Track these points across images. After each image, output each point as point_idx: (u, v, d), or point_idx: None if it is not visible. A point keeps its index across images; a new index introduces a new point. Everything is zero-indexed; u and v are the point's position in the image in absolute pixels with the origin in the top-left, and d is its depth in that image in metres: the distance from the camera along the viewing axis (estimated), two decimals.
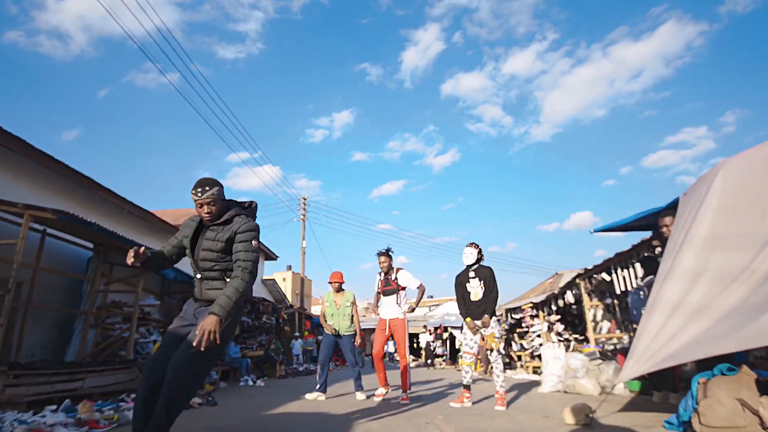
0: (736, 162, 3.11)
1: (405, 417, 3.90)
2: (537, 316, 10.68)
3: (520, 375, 10.87)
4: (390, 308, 5.40)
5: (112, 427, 3.55)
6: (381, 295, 5.52)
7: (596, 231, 5.23)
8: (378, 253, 5.52)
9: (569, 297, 8.84)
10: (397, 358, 10.04)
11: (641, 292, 5.10)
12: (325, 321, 5.89)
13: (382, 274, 5.54)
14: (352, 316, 5.90)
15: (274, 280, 17.71)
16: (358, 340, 5.99)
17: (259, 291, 15.86)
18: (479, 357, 11.14)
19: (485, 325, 4.52)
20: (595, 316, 8.05)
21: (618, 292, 6.74)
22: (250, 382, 8.73)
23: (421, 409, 4.42)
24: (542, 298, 10.19)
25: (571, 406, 3.32)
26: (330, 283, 5.99)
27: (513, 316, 12.31)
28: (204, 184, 2.32)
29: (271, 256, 17.32)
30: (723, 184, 3.10)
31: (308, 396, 5.49)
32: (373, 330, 6.72)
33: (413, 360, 18.44)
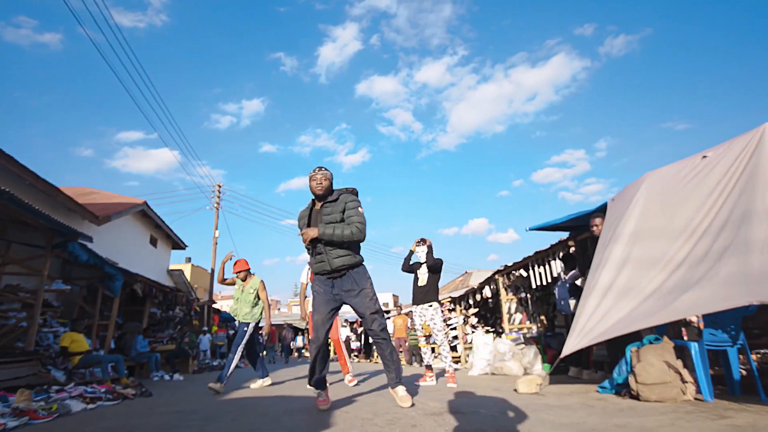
0: (657, 174, 3.81)
1: (374, 397, 4.04)
2: (454, 309, 11.48)
3: (437, 364, 11.58)
4: None
5: (53, 418, 3.18)
6: None
7: (531, 229, 5.88)
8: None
9: (487, 292, 9.67)
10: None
11: (567, 285, 5.88)
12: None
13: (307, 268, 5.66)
14: (256, 304, 5.56)
15: (181, 271, 16.47)
16: (266, 330, 6.01)
17: (165, 282, 14.66)
18: (401, 348, 11.60)
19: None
20: (509, 308, 8.93)
21: (534, 286, 7.61)
22: (166, 377, 8.12)
23: (382, 391, 4.60)
24: (461, 293, 10.97)
25: (522, 379, 3.77)
26: (235, 273, 5.65)
27: None
28: (321, 167, 3.16)
29: (179, 245, 16.09)
30: (646, 191, 3.78)
31: (253, 385, 5.36)
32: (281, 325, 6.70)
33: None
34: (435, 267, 5.03)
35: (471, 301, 10.56)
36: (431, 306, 4.99)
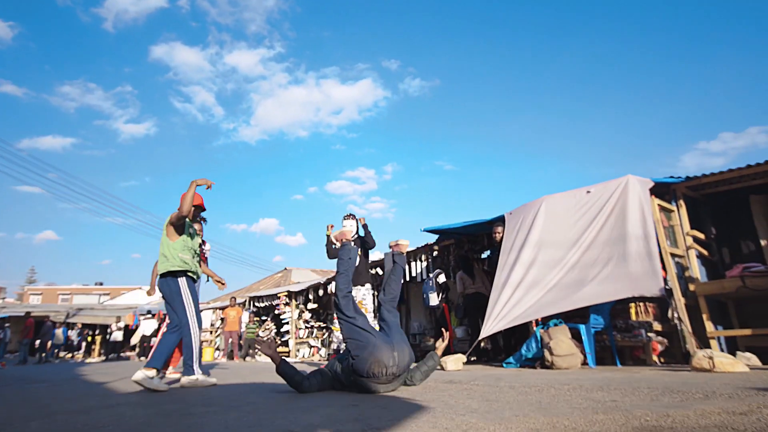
0: (552, 199, 4.94)
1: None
2: (288, 304, 11.34)
3: (266, 359, 11.13)
4: None
5: None
6: None
7: (425, 230, 6.54)
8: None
9: (333, 287, 9.98)
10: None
11: (431, 282, 6.75)
12: None
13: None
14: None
15: None
16: (221, 285, 4.64)
17: None
18: (231, 340, 10.67)
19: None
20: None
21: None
22: None
23: None
24: (302, 287, 10.95)
25: (450, 358, 4.26)
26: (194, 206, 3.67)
27: (256, 304, 12.47)
28: None
29: None
30: (545, 210, 4.86)
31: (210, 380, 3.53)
32: None
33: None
34: (369, 245, 4.99)
35: (311, 296, 10.67)
36: (364, 287, 4.90)
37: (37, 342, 13.73)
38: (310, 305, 10.68)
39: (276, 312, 11.40)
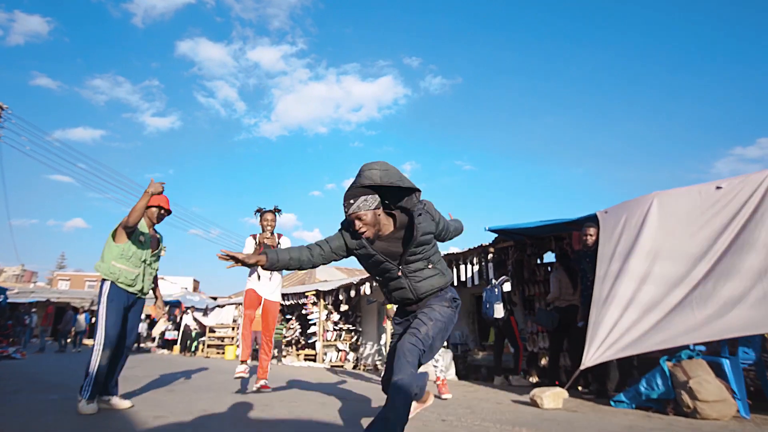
0: (667, 196, 3.96)
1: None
2: (317, 303, 10.56)
3: (292, 362, 10.40)
4: (268, 284, 4.35)
5: None
6: None
7: (490, 229, 5.63)
8: (263, 210, 4.43)
9: (367, 288, 9.13)
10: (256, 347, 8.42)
11: (495, 290, 5.80)
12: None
13: (259, 237, 4.36)
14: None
15: None
16: (163, 309, 4.18)
17: None
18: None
19: None
20: (394, 308, 8.59)
21: None
22: None
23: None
24: (332, 287, 10.15)
25: (546, 393, 3.35)
26: (151, 207, 3.35)
27: (282, 302, 11.75)
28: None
29: None
30: (659, 211, 3.88)
31: (87, 409, 2.93)
32: None
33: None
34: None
35: (341, 297, 9.85)
36: None
37: (59, 329, 13.31)
38: (342, 307, 9.86)
39: (303, 312, 10.63)
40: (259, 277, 4.29)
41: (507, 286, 5.69)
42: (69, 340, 13.09)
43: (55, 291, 25.41)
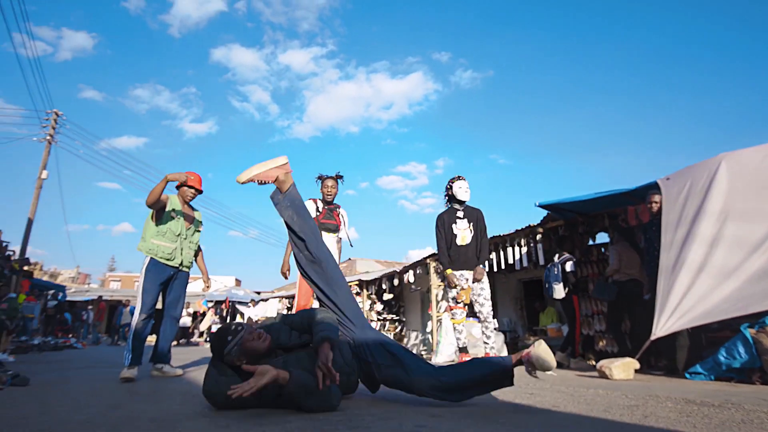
0: (736, 156, 3.69)
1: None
2: (360, 294, 10.62)
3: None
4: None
5: None
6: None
7: (540, 205, 5.46)
8: (324, 177, 4.16)
9: (410, 277, 9.09)
10: None
11: (555, 269, 5.62)
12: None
13: (320, 203, 4.14)
14: (199, 248, 3.92)
15: None
16: (208, 283, 4.27)
17: None
18: None
19: (479, 278, 3.98)
20: (437, 296, 8.51)
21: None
22: None
23: None
24: (374, 276, 10.18)
25: (616, 363, 3.20)
26: (185, 187, 3.66)
27: None
28: None
29: None
30: (728, 172, 3.62)
31: (126, 373, 3.13)
32: None
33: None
34: (479, 222, 4.08)
35: (385, 286, 9.86)
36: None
37: (114, 325, 14.06)
38: (385, 296, 9.87)
39: None
40: None
41: (569, 266, 5.47)
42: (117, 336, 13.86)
43: (108, 291, 26.90)
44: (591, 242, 6.25)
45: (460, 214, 4.16)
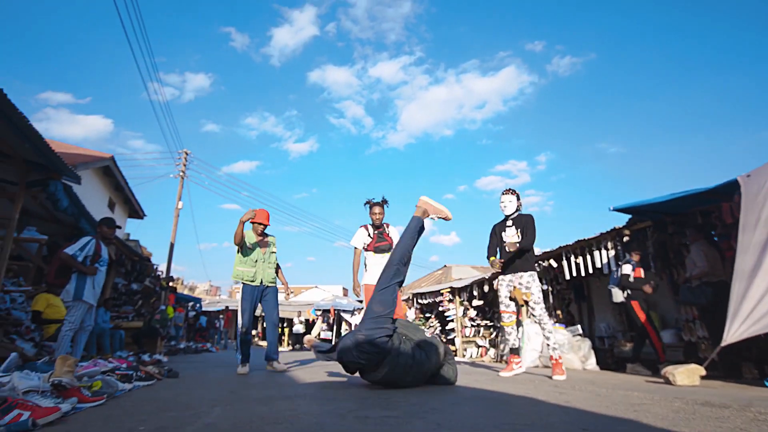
0: None
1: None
2: (452, 300, 10.97)
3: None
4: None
5: (104, 401, 2.19)
6: (373, 253, 4.65)
7: (615, 209, 5.43)
8: (372, 203, 4.68)
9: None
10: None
11: (615, 273, 5.55)
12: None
13: (372, 228, 4.68)
14: (278, 266, 4.87)
15: (137, 241, 14.57)
16: (288, 293, 5.18)
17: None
18: None
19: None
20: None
21: (567, 277, 7.23)
22: (146, 359, 6.81)
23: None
24: (465, 283, 10.48)
25: (680, 369, 3.24)
26: (255, 224, 4.68)
27: (419, 301, 12.47)
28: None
29: (138, 213, 14.24)
30: None
31: (240, 370, 4.32)
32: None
33: (290, 348, 17.32)
34: (526, 226, 4.30)
35: (475, 293, 10.10)
36: (527, 273, 4.24)
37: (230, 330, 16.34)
38: (475, 302, 10.10)
39: (440, 309, 11.16)
40: (366, 267, 4.67)
41: (626, 269, 5.33)
42: None
43: (234, 301, 31.04)
44: (687, 243, 5.90)
45: (509, 222, 4.42)
